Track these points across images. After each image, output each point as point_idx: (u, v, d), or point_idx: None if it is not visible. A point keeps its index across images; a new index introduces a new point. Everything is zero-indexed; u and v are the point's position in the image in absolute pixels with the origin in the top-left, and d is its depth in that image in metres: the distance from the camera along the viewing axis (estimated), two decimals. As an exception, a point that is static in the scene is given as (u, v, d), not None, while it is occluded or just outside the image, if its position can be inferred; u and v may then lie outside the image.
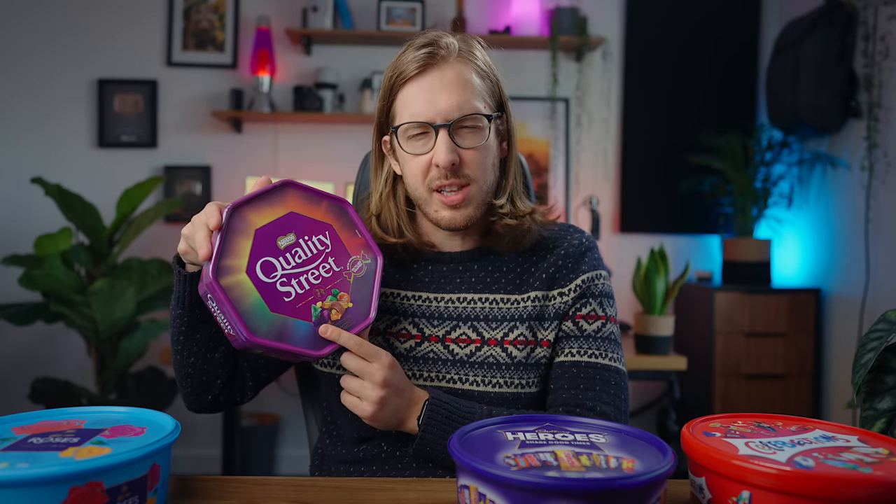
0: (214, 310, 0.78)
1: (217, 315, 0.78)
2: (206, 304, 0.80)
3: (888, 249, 2.40)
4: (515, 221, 0.96)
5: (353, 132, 3.05)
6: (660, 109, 3.12)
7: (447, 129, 0.88)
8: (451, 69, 0.90)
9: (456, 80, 0.89)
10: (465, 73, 0.90)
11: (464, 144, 0.90)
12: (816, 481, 0.53)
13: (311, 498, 0.71)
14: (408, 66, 0.90)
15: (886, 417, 0.77)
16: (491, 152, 0.93)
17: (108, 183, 2.90)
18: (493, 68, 0.96)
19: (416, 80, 0.90)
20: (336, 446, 0.99)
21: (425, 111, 0.89)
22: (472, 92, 0.90)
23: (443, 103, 0.88)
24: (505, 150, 0.98)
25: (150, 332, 2.57)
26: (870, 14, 2.51)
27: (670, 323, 2.12)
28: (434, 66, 0.90)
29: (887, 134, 2.43)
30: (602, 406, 0.90)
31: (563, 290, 0.97)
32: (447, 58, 0.90)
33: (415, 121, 0.89)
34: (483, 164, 0.92)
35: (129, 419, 0.70)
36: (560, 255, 0.98)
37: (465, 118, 0.89)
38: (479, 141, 0.91)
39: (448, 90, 0.89)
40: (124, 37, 2.99)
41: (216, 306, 0.77)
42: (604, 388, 0.92)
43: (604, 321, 0.96)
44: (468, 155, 0.90)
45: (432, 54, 0.89)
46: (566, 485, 0.51)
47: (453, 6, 3.02)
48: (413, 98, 0.90)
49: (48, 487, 0.53)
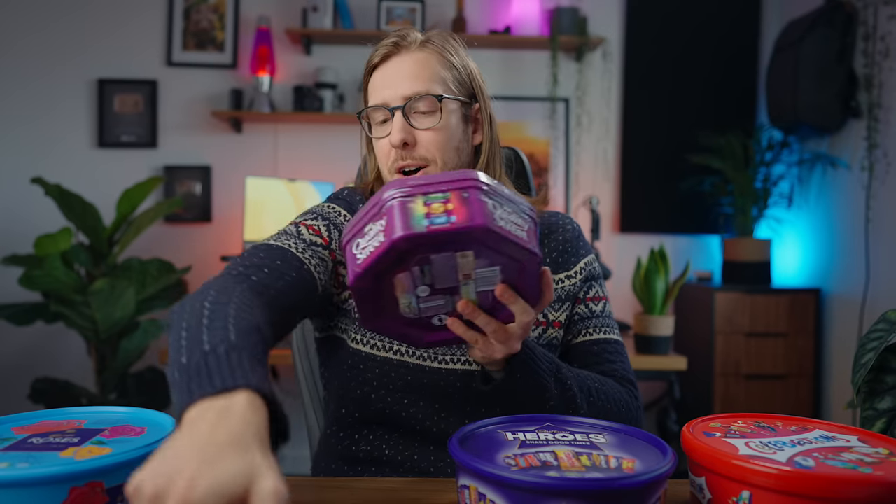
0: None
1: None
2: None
3: (888, 249, 2.40)
4: None
5: (353, 132, 3.05)
6: (660, 109, 3.12)
7: (401, 110, 0.92)
8: (412, 57, 0.94)
9: (414, 66, 0.93)
10: (425, 61, 0.94)
11: (418, 125, 0.92)
12: (816, 481, 0.53)
13: (311, 498, 0.71)
14: (374, 55, 0.96)
15: (886, 417, 0.77)
16: (453, 135, 0.95)
17: (108, 183, 2.90)
18: (464, 59, 0.99)
19: (380, 68, 0.95)
20: (338, 435, 0.97)
21: (383, 95, 0.93)
22: (429, 77, 0.93)
23: (398, 86, 0.92)
24: (479, 138, 1.00)
25: (150, 332, 2.57)
26: (870, 14, 2.51)
27: (670, 323, 2.12)
28: (396, 54, 0.94)
29: (887, 134, 2.43)
30: (629, 375, 0.98)
31: (570, 273, 1.01)
32: (409, 47, 0.94)
33: (373, 104, 0.94)
34: (441, 146, 0.93)
35: (129, 419, 0.70)
36: (560, 241, 1.03)
37: (419, 100, 0.92)
38: (434, 122, 0.93)
39: (404, 75, 0.93)
40: (124, 36, 2.99)
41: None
42: (622, 360, 0.99)
43: (605, 301, 1.03)
44: (424, 136, 0.92)
45: (396, 45, 0.94)
46: (566, 485, 0.51)
47: (453, 6, 3.02)
48: (375, 84, 0.95)
49: (48, 487, 0.53)
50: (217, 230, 3.03)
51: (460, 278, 0.68)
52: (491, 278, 0.69)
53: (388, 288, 0.68)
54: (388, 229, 0.61)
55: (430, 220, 0.60)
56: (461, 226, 0.60)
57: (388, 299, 0.70)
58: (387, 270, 0.65)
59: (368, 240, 0.64)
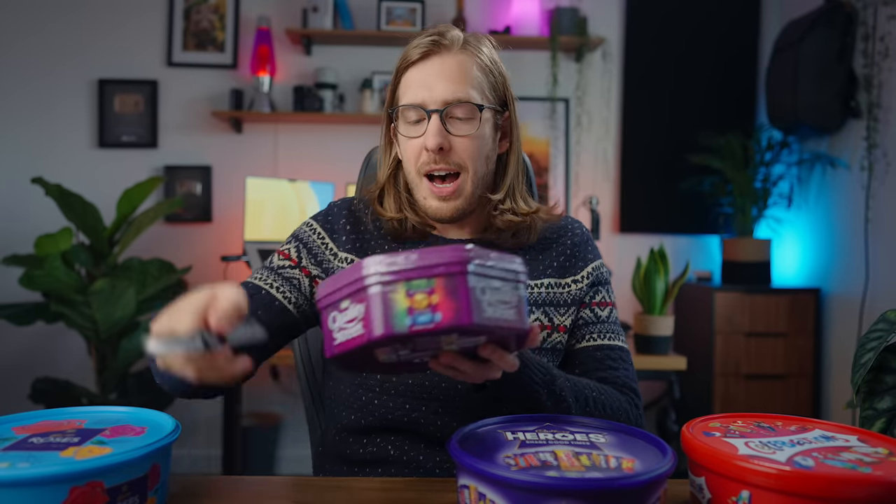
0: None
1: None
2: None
3: (888, 249, 2.40)
4: (518, 218, 0.97)
5: (353, 132, 3.05)
6: (660, 109, 3.12)
7: (439, 114, 0.90)
8: (453, 58, 0.92)
9: (455, 69, 0.91)
10: (465, 64, 0.92)
11: (455, 131, 0.91)
12: (816, 481, 0.53)
13: (311, 498, 0.71)
14: (412, 52, 0.92)
15: (886, 417, 0.77)
16: (485, 144, 0.94)
17: (109, 183, 2.90)
18: (499, 65, 0.97)
19: (418, 66, 0.92)
20: (347, 441, 0.97)
21: (421, 95, 0.91)
22: (468, 82, 0.91)
23: (438, 89, 0.90)
24: (505, 146, 0.99)
25: (150, 332, 2.57)
26: (869, 14, 2.51)
27: (670, 323, 2.12)
28: (436, 53, 0.92)
29: (887, 134, 2.43)
30: (631, 383, 0.96)
31: (577, 278, 1.00)
32: (450, 47, 0.92)
33: (410, 104, 0.92)
34: (474, 154, 0.93)
35: (129, 419, 0.70)
36: (567, 245, 1.02)
37: (458, 106, 0.90)
38: (471, 130, 0.92)
39: (445, 77, 0.91)
40: (124, 37, 2.99)
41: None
42: (626, 367, 0.98)
43: (611, 307, 1.03)
44: (459, 142, 0.91)
45: (436, 42, 0.91)
46: (566, 485, 0.51)
47: (453, 6, 3.02)
48: (412, 82, 0.92)
49: (48, 487, 0.53)
50: (217, 230, 3.03)
51: (444, 346, 0.66)
52: (475, 340, 0.66)
53: (368, 353, 0.65)
54: (366, 321, 0.57)
55: (412, 319, 0.56)
56: (446, 326, 0.56)
57: (367, 358, 0.67)
58: (366, 351, 0.63)
59: (346, 321, 0.60)
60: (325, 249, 0.98)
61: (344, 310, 0.60)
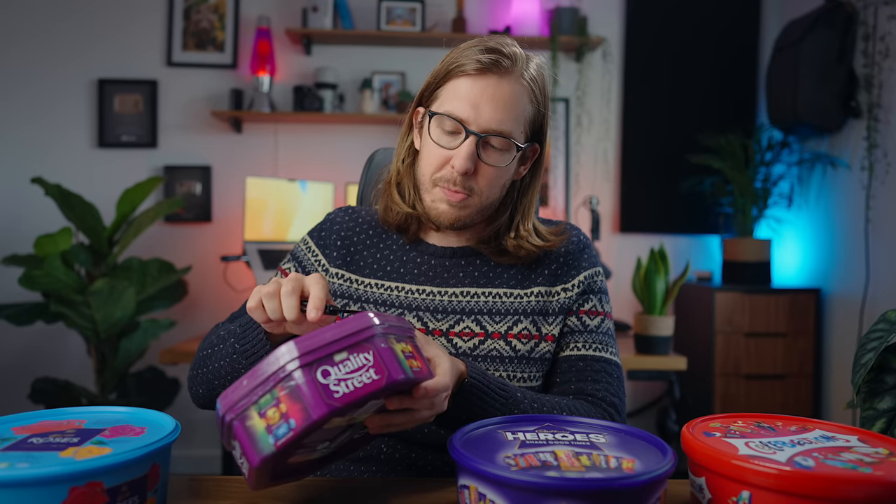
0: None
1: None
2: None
3: (888, 249, 2.40)
4: (515, 242, 0.97)
5: (353, 132, 3.05)
6: (660, 109, 3.12)
7: (477, 139, 0.89)
8: (508, 86, 0.89)
9: (507, 98, 0.89)
10: (517, 95, 0.90)
11: (486, 159, 0.91)
12: (816, 481, 0.53)
13: (311, 498, 0.71)
14: (470, 61, 0.89)
15: (886, 417, 0.77)
16: (506, 174, 0.95)
17: (108, 183, 2.90)
18: (547, 99, 0.95)
19: (472, 78, 0.89)
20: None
21: (466, 112, 0.89)
22: (515, 117, 0.90)
23: (485, 114, 0.88)
24: (522, 172, 0.99)
25: (150, 332, 2.57)
26: (870, 14, 2.51)
27: (670, 323, 2.12)
28: (494, 73, 0.89)
29: (887, 134, 2.43)
30: (611, 397, 0.93)
31: (567, 286, 0.98)
32: (509, 71, 0.89)
33: (452, 115, 0.89)
34: (493, 183, 0.93)
35: (129, 419, 0.70)
36: (561, 253, 1.01)
37: (498, 137, 0.90)
38: (501, 163, 0.91)
39: (495, 104, 0.88)
40: (124, 37, 2.99)
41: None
42: (609, 381, 0.94)
43: (603, 317, 1.00)
44: (485, 170, 0.91)
45: (496, 62, 0.88)
46: (566, 485, 0.51)
47: (453, 6, 3.02)
48: (460, 93, 0.89)
49: (48, 487, 0.53)
50: (217, 230, 3.03)
51: (345, 424, 0.65)
52: (375, 403, 0.64)
53: (283, 466, 0.65)
54: (245, 454, 0.58)
55: (273, 436, 0.56)
56: (303, 427, 0.56)
57: (294, 467, 0.68)
58: (278, 466, 0.63)
59: (237, 454, 0.60)
60: (319, 266, 1.00)
61: (233, 446, 0.61)
